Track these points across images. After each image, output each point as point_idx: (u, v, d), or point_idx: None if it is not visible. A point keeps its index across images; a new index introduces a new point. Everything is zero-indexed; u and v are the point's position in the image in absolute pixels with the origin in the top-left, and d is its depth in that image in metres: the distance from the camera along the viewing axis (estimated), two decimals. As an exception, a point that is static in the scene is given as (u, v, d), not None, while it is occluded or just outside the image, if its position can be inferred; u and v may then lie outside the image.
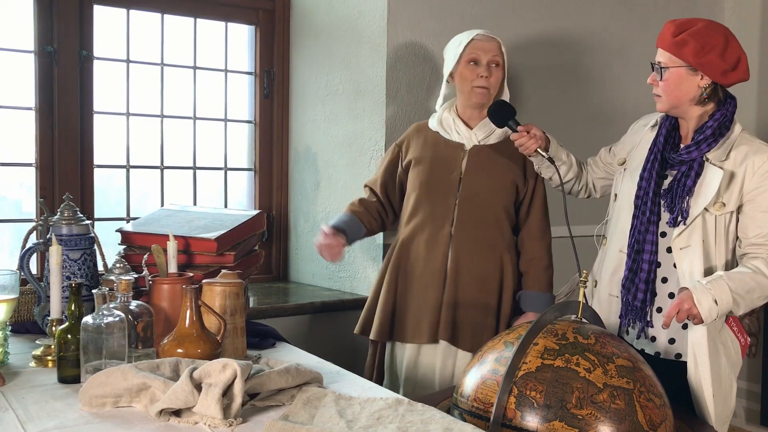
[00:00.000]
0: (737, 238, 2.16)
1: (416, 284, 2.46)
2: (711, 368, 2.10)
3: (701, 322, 2.02)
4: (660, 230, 2.19)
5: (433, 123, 2.54)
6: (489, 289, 2.45)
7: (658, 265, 2.19)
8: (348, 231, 2.47)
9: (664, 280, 2.19)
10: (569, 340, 1.75)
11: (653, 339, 2.21)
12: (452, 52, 2.48)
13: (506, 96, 2.52)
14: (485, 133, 2.48)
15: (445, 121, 2.51)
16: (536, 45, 3.28)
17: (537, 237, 2.52)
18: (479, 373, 1.79)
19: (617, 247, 2.30)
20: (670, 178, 2.19)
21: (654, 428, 1.66)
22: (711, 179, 2.10)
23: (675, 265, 2.15)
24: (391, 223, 2.64)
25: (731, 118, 2.16)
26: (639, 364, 1.76)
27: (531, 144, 2.34)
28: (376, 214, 2.57)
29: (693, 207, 2.11)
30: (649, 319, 2.20)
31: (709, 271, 2.12)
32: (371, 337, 2.51)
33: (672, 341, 2.19)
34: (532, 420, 1.63)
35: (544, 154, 2.35)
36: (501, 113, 2.40)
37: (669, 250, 2.17)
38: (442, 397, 2.05)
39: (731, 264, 2.16)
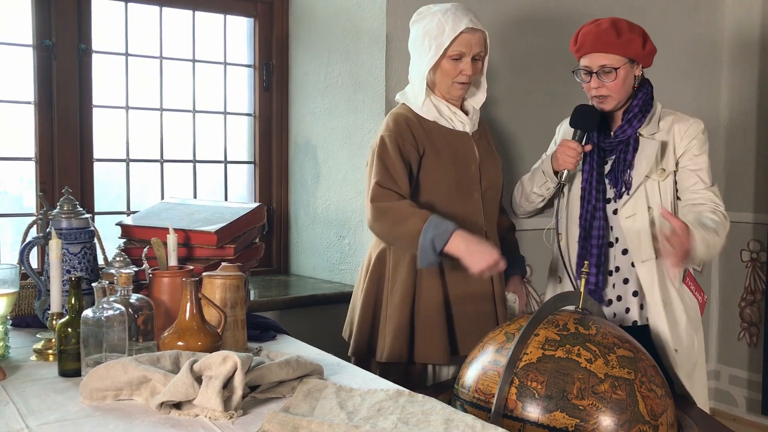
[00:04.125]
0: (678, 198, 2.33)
1: (466, 291, 2.27)
2: (668, 319, 2.26)
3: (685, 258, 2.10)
4: (612, 209, 2.33)
5: (427, 111, 2.31)
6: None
7: (609, 245, 2.33)
8: None
9: (625, 252, 2.33)
10: (570, 330, 1.75)
11: (627, 311, 2.34)
12: (433, 41, 2.24)
13: (483, 85, 2.41)
14: (476, 118, 2.41)
15: (441, 108, 2.32)
16: (535, 30, 3.27)
17: (503, 207, 2.58)
18: (480, 364, 1.79)
19: (575, 238, 2.38)
20: (610, 162, 2.34)
21: (655, 418, 1.66)
22: (649, 151, 2.27)
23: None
24: None
25: (652, 96, 2.35)
26: (640, 355, 1.76)
27: (575, 164, 2.31)
28: None
29: (635, 178, 2.27)
30: (612, 297, 2.34)
31: (654, 237, 2.27)
32: (434, 361, 2.25)
33: (642, 307, 2.33)
34: (533, 411, 1.63)
35: (564, 179, 2.34)
36: (588, 119, 2.30)
37: (614, 228, 2.34)
38: (443, 388, 2.05)
39: None
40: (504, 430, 1.36)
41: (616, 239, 2.33)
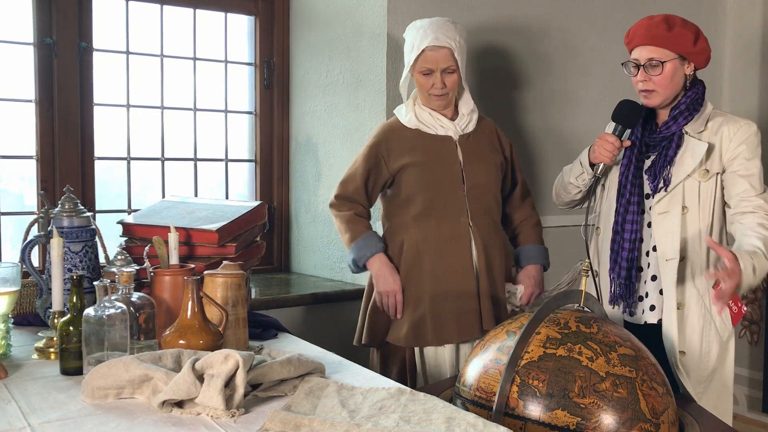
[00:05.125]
0: (724, 203, 2.27)
1: (446, 281, 2.40)
2: (679, 321, 2.22)
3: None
4: (648, 205, 2.29)
5: (408, 120, 2.48)
6: (503, 274, 2.51)
7: (641, 240, 2.30)
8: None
9: (655, 248, 2.29)
10: (572, 329, 1.75)
11: (652, 308, 2.30)
12: (407, 56, 2.44)
13: (466, 95, 2.51)
14: (465, 121, 2.50)
15: (423, 117, 2.47)
16: (537, 31, 3.26)
17: (523, 200, 2.65)
18: (481, 362, 1.79)
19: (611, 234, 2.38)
20: (652, 157, 2.30)
21: (656, 416, 1.66)
22: (695, 150, 2.23)
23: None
24: None
25: (702, 97, 2.30)
26: (641, 353, 1.76)
27: (612, 157, 2.31)
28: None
29: (675, 175, 2.23)
30: (641, 294, 2.31)
31: (683, 238, 2.24)
32: (406, 344, 2.43)
33: (651, 308, 2.30)
34: (534, 409, 1.64)
35: (599, 172, 2.34)
36: (630, 115, 2.30)
37: (650, 225, 2.29)
38: (445, 386, 2.05)
39: (712, 228, 2.27)
40: (505, 428, 1.36)
41: (650, 235, 2.31)
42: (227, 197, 3.27)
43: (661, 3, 3.53)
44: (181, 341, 1.71)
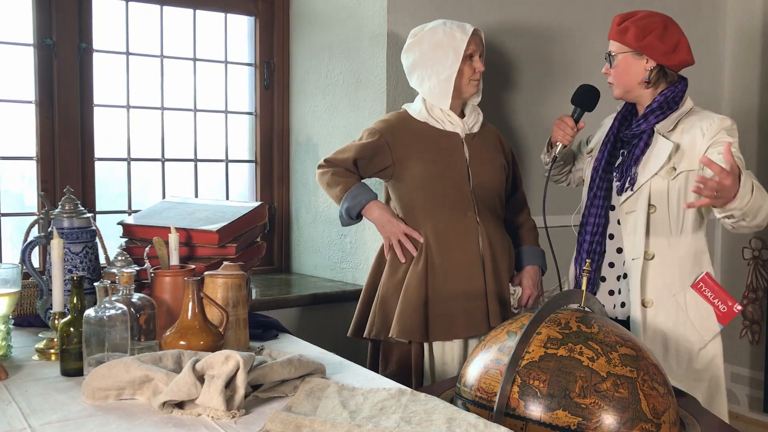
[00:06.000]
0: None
1: (454, 275, 2.40)
2: (643, 319, 2.25)
3: (726, 202, 1.94)
4: (610, 203, 2.34)
5: (419, 114, 2.49)
6: (508, 273, 2.53)
7: (604, 235, 2.34)
8: None
9: (611, 236, 2.35)
10: (572, 329, 1.74)
11: (623, 305, 2.34)
12: (448, 48, 2.42)
13: (476, 98, 2.57)
14: (473, 121, 2.54)
15: (433, 111, 2.48)
16: (538, 31, 3.26)
17: (522, 205, 2.69)
18: (482, 362, 1.78)
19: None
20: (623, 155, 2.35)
21: (657, 416, 1.66)
22: (660, 149, 2.24)
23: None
24: None
25: (681, 95, 2.30)
26: (642, 353, 1.76)
27: (566, 137, 2.38)
28: None
29: (641, 174, 2.26)
30: (612, 289, 2.35)
31: (652, 237, 2.25)
32: (415, 339, 2.39)
33: (623, 305, 2.35)
34: (535, 409, 1.63)
35: (557, 152, 2.40)
36: (587, 98, 2.39)
37: (619, 222, 2.34)
38: (445, 386, 2.05)
39: (682, 224, 2.26)
40: (506, 428, 1.36)
41: (611, 236, 2.35)
42: (227, 198, 3.27)
43: (661, 3, 3.53)
44: (182, 342, 1.71)
